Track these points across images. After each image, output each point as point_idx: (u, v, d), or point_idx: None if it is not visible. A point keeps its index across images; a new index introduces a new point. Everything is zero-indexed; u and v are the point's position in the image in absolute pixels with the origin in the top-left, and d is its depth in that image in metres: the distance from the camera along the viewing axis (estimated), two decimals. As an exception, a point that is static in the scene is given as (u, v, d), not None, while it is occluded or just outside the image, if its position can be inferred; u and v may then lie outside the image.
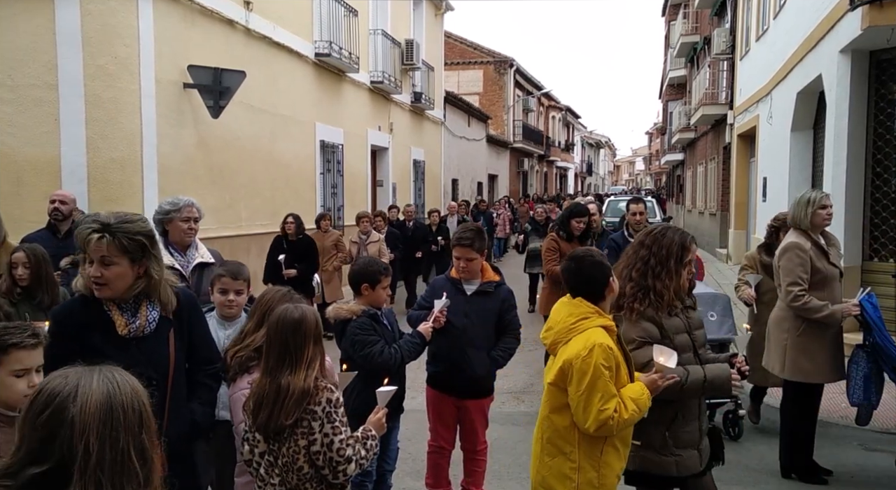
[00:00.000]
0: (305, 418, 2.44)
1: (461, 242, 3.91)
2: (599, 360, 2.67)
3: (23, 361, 2.23)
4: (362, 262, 3.84)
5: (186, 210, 4.12)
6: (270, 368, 2.51)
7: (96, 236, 2.45)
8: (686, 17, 25.43)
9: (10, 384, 2.23)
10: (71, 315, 2.56)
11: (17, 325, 2.32)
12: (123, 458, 1.36)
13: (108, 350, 2.44)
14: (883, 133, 7.75)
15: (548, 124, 41.10)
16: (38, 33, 7.16)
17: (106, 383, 1.41)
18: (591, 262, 2.87)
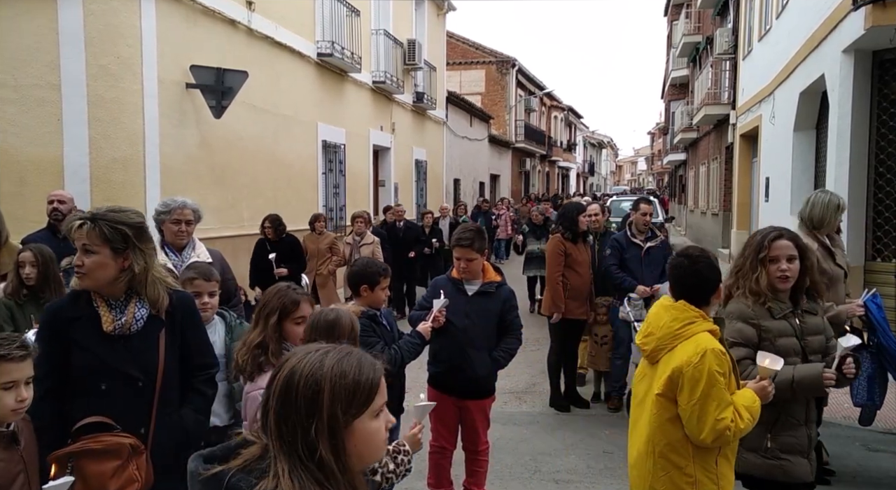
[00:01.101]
0: None
1: (461, 243, 3.91)
2: (713, 366, 2.51)
3: (10, 374, 2.18)
4: (361, 262, 3.83)
5: (177, 213, 4.12)
6: None
7: (78, 223, 2.44)
8: (688, 17, 25.41)
9: None
10: (60, 310, 2.52)
11: (5, 336, 2.27)
12: (293, 439, 1.33)
13: (93, 346, 2.42)
14: (886, 133, 7.73)
15: (550, 124, 41.08)
16: (41, 33, 7.18)
17: (302, 361, 1.38)
18: (707, 262, 2.73)
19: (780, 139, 11.59)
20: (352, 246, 9.15)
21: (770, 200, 12.61)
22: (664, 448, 2.66)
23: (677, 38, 27.30)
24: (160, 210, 4.14)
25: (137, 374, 2.48)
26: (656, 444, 2.68)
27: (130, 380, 2.47)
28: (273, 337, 2.87)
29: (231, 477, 1.35)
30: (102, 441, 2.35)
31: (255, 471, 1.35)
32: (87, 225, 2.42)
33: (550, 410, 6.28)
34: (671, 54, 30.74)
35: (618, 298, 6.28)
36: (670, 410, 2.63)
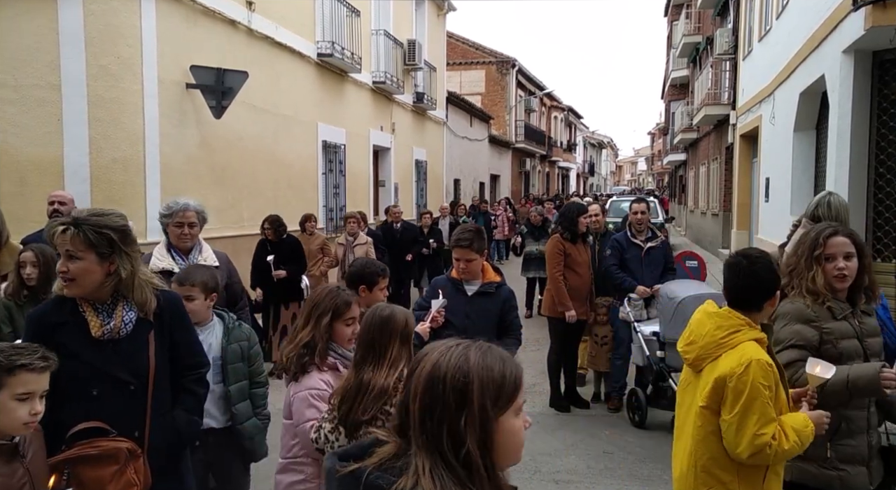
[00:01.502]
0: (380, 418, 2.39)
1: (460, 243, 3.90)
2: (758, 379, 2.38)
3: (28, 385, 2.09)
4: (360, 262, 3.80)
5: (179, 215, 4.07)
6: (356, 363, 2.51)
7: (61, 228, 2.36)
8: (688, 18, 25.41)
9: (11, 409, 2.08)
10: (45, 315, 2.45)
11: (26, 346, 2.17)
12: (438, 433, 1.31)
13: (82, 352, 2.38)
14: (886, 133, 7.73)
15: (550, 124, 41.08)
16: (41, 33, 7.18)
17: (444, 355, 1.37)
18: (767, 264, 2.57)
19: (781, 139, 11.59)
20: (345, 247, 8.97)
21: (770, 201, 12.61)
22: (707, 462, 2.53)
23: (677, 38, 27.30)
24: (163, 213, 4.11)
25: (128, 378, 2.45)
26: (699, 457, 2.55)
27: (122, 384, 2.44)
28: (323, 337, 2.83)
29: (369, 475, 1.35)
30: (99, 446, 2.31)
31: (392, 469, 1.35)
32: (70, 230, 2.35)
33: (550, 411, 6.28)
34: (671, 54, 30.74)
35: (618, 299, 6.28)
36: (713, 423, 2.50)
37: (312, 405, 2.70)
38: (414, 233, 10.93)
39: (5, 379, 2.06)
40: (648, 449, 5.31)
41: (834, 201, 4.46)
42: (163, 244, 4.11)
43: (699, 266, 8.82)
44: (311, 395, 2.71)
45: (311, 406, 2.70)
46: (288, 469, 2.83)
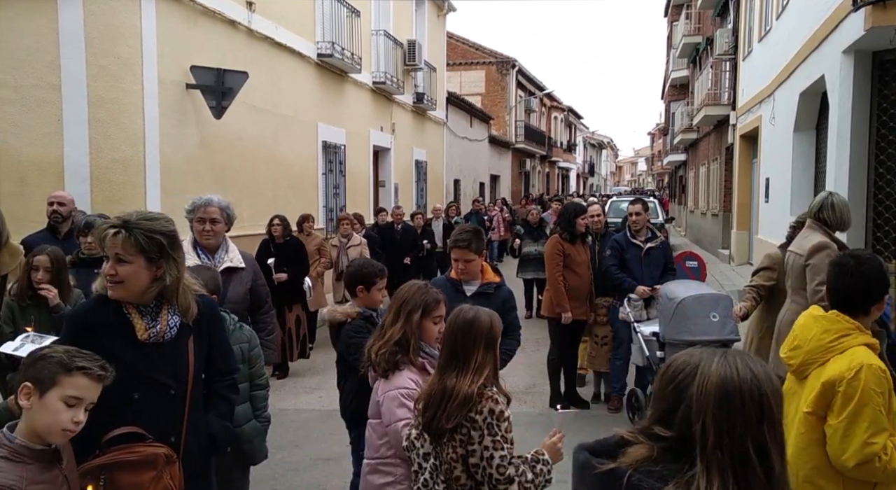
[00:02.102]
0: (465, 425, 2.33)
1: (458, 244, 3.90)
2: (869, 384, 2.24)
3: (81, 390, 2.01)
4: (357, 263, 3.78)
5: (201, 211, 3.95)
6: (440, 367, 2.45)
7: (112, 231, 2.34)
8: (688, 18, 25.41)
9: (56, 410, 1.99)
10: (87, 316, 2.42)
11: (88, 354, 2.09)
12: (742, 448, 1.29)
13: (126, 354, 2.35)
14: (886, 134, 7.73)
15: (550, 125, 41.09)
16: (41, 33, 7.18)
17: (725, 367, 1.35)
18: (877, 265, 2.47)
19: (780, 140, 11.59)
20: (338, 248, 8.94)
21: (770, 201, 12.62)
22: (810, 472, 2.37)
23: (677, 38, 27.31)
24: (187, 208, 4.02)
25: (170, 382, 2.43)
26: (800, 467, 2.39)
27: (163, 388, 2.42)
28: (415, 334, 2.80)
29: (630, 476, 1.35)
30: (137, 452, 2.28)
31: (652, 473, 1.34)
32: (121, 234, 2.33)
33: (550, 411, 6.28)
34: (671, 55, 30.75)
35: (618, 299, 6.28)
36: (818, 430, 2.35)
37: (403, 405, 2.67)
38: (414, 235, 10.79)
39: (61, 377, 1.99)
40: (648, 449, 5.31)
41: (837, 202, 4.47)
42: (188, 241, 3.95)
43: (699, 266, 8.83)
44: (402, 394, 2.69)
45: (402, 405, 2.67)
46: (377, 470, 2.79)
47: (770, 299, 4.95)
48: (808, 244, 4.39)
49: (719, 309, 5.36)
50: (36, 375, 1.99)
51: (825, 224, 4.44)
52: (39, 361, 2.01)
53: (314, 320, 8.83)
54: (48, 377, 1.98)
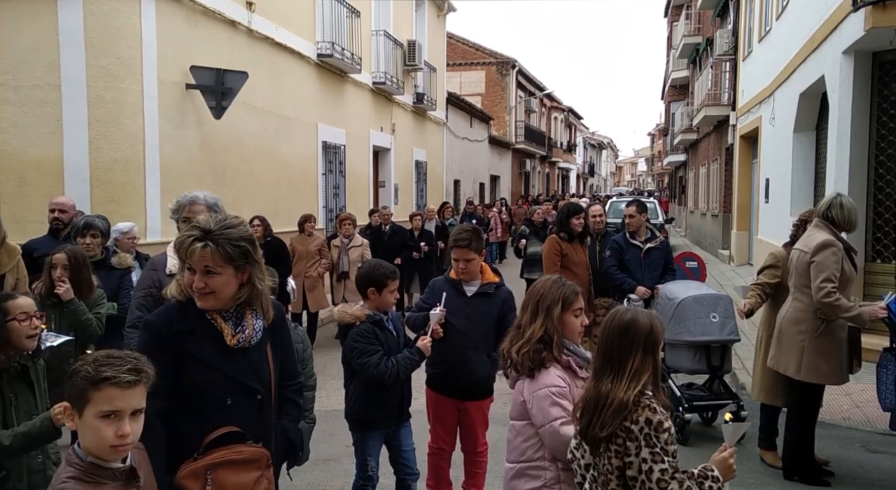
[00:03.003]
0: (620, 435, 2.18)
1: (458, 244, 3.87)
2: None
3: (113, 401, 1.80)
4: (369, 264, 3.71)
5: (186, 210, 3.73)
6: (595, 371, 2.32)
7: (199, 245, 2.25)
8: (688, 19, 25.42)
9: (96, 428, 1.80)
10: (171, 323, 2.32)
11: (119, 355, 1.88)
12: None
13: (217, 360, 2.31)
14: (886, 134, 7.74)
15: (550, 125, 41.10)
16: (42, 34, 7.19)
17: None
18: None
19: (780, 140, 11.59)
20: (340, 249, 8.85)
21: (770, 201, 12.62)
22: None
23: (677, 39, 27.31)
24: (172, 208, 3.77)
25: (258, 387, 2.39)
26: None
27: (252, 393, 2.39)
28: (557, 329, 2.65)
29: None
30: (243, 451, 2.24)
31: None
32: (209, 247, 2.26)
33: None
34: (671, 55, 30.75)
35: (617, 299, 6.28)
36: None
37: (556, 403, 2.55)
38: (403, 236, 10.49)
39: (91, 392, 1.80)
40: (648, 450, 5.30)
41: (846, 202, 4.51)
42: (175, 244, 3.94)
43: (699, 267, 8.83)
44: (553, 392, 2.56)
45: (555, 404, 2.55)
46: (523, 474, 2.65)
47: (776, 297, 4.94)
48: (813, 242, 4.40)
49: (719, 309, 5.36)
50: (70, 394, 1.84)
51: (832, 223, 4.46)
52: (71, 378, 1.84)
53: (315, 321, 8.83)
54: (79, 394, 1.82)
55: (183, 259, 2.32)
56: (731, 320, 5.39)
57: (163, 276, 3.46)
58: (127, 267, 5.36)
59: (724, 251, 17.85)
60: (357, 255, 8.67)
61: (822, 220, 4.50)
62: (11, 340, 2.70)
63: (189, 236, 2.29)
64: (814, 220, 4.62)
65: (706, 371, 5.49)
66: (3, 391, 2.69)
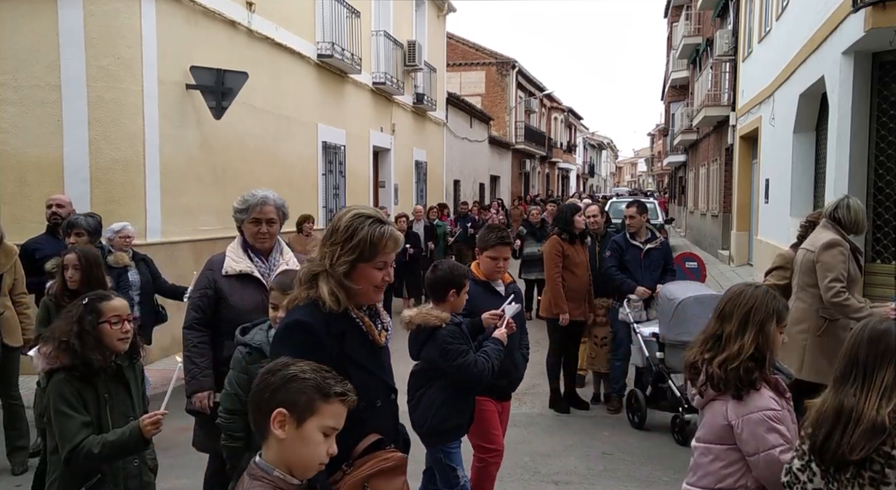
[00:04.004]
0: (878, 461, 1.87)
1: (504, 241, 3.77)
2: None
3: (337, 418, 1.74)
4: (447, 265, 3.54)
5: (256, 211, 3.51)
6: (835, 379, 2.08)
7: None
8: (688, 19, 25.42)
9: (316, 442, 1.71)
10: (326, 324, 2.12)
11: (331, 373, 1.79)
12: None
13: (369, 361, 2.20)
14: (885, 135, 7.74)
15: (550, 125, 41.11)
16: (42, 34, 7.19)
17: None
18: None
19: (780, 141, 11.59)
20: None
21: (770, 202, 12.62)
22: None
23: (677, 39, 27.32)
24: (238, 207, 3.57)
25: (394, 386, 2.31)
26: None
27: (393, 392, 2.32)
28: (770, 347, 2.39)
29: None
30: (390, 458, 2.14)
31: None
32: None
33: (550, 412, 6.28)
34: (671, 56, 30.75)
35: (617, 300, 6.28)
36: None
37: (773, 429, 2.29)
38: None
39: (319, 404, 1.70)
40: (648, 450, 5.31)
41: (853, 204, 4.51)
42: (237, 243, 3.62)
43: (699, 267, 8.84)
44: (769, 417, 2.31)
45: (772, 430, 2.29)
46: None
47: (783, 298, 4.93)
48: (819, 241, 4.40)
49: (719, 310, 5.36)
50: (291, 401, 1.70)
51: (839, 224, 4.46)
52: (292, 384, 1.71)
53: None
54: (306, 404, 1.69)
55: (372, 253, 2.14)
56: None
57: (219, 276, 3.45)
58: (124, 266, 5.36)
59: (724, 252, 17.85)
60: None
61: (829, 220, 4.50)
62: (104, 342, 2.68)
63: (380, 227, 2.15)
64: (821, 220, 4.60)
65: (706, 371, 5.49)
66: (99, 391, 2.66)
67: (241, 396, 2.82)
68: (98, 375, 2.66)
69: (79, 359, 2.61)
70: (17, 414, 4.90)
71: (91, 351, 2.63)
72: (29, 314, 4.91)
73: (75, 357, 2.60)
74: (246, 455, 2.74)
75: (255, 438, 2.66)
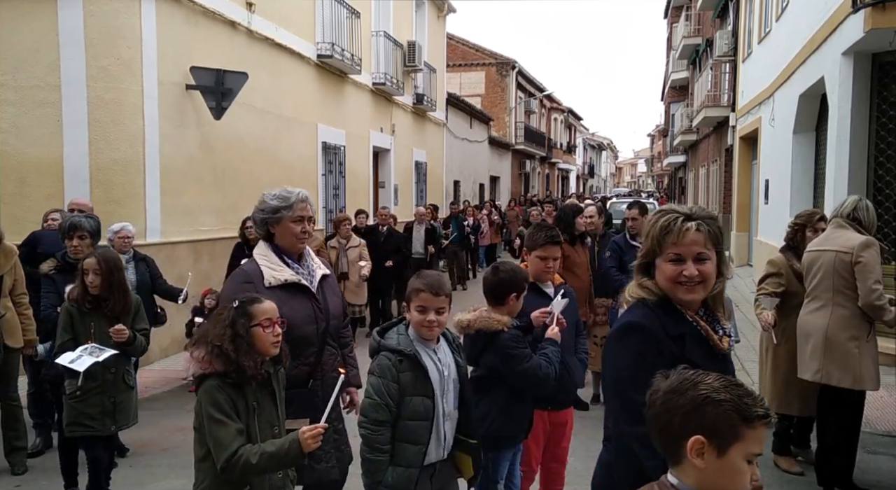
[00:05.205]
0: None
1: (555, 240, 3.62)
2: None
3: (761, 442, 1.53)
4: (509, 268, 3.40)
5: (299, 207, 3.22)
6: None
7: (692, 225, 1.98)
8: (688, 20, 25.45)
9: (741, 471, 1.52)
10: (663, 326, 1.98)
11: (745, 389, 1.56)
12: None
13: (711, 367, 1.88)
14: (885, 135, 7.74)
15: (550, 126, 41.12)
16: (42, 34, 7.19)
17: None
18: None
19: (780, 141, 11.60)
20: (338, 249, 8.67)
21: (770, 203, 12.62)
22: None
23: (677, 40, 27.33)
24: (276, 204, 3.24)
25: None
26: None
27: None
28: None
29: None
30: None
31: None
32: (703, 227, 1.99)
33: None
34: (671, 56, 30.77)
35: (616, 300, 6.28)
36: None
37: None
38: (399, 240, 10.11)
39: (742, 429, 1.50)
40: (648, 451, 5.30)
41: (870, 205, 4.39)
42: (267, 249, 3.19)
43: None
44: None
45: None
46: None
47: (781, 305, 4.74)
48: (853, 241, 4.19)
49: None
50: (709, 427, 1.51)
51: (860, 224, 4.31)
52: (706, 407, 1.52)
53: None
54: (727, 430, 1.51)
55: (662, 244, 2.00)
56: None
57: (262, 289, 2.98)
58: None
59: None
60: (355, 256, 8.63)
61: (848, 220, 4.32)
62: (255, 347, 2.56)
63: (680, 217, 2.01)
64: (834, 220, 4.42)
65: (706, 372, 5.47)
66: (248, 399, 2.55)
67: (390, 407, 2.61)
68: (249, 383, 2.55)
69: (232, 364, 2.49)
70: (16, 415, 4.87)
71: (244, 356, 2.51)
72: (29, 315, 4.87)
73: (229, 362, 2.50)
74: (388, 469, 2.62)
75: (398, 451, 2.62)
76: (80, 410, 3.85)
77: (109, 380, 3.90)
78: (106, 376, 3.88)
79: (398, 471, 2.63)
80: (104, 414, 3.89)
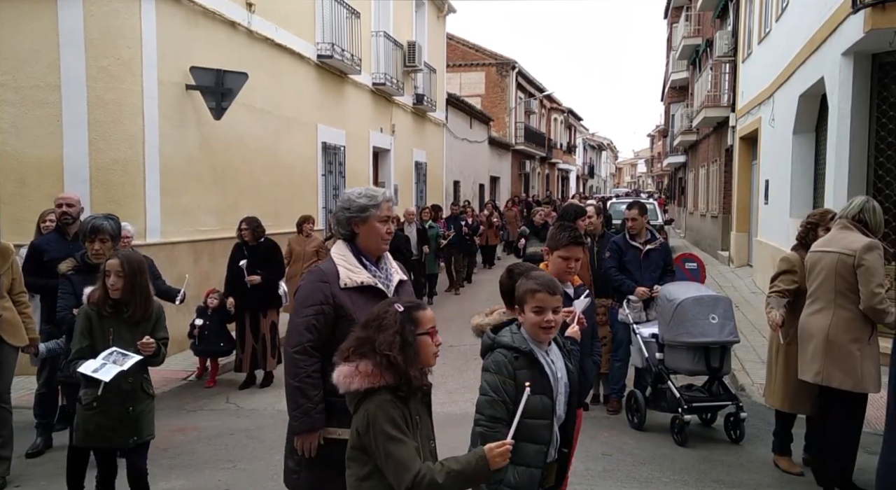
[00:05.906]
0: None
1: (577, 241, 3.59)
2: None
3: None
4: (525, 270, 3.25)
5: (386, 207, 3.05)
6: None
7: None
8: (688, 20, 25.44)
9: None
10: None
11: None
12: None
13: None
14: (885, 136, 7.74)
15: (550, 126, 41.12)
16: (42, 34, 7.19)
17: None
18: None
19: (780, 142, 11.60)
20: None
21: (770, 203, 12.62)
22: None
23: (677, 40, 27.33)
24: (363, 203, 3.00)
25: None
26: None
27: None
28: None
29: None
30: None
31: None
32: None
33: None
34: (671, 57, 30.76)
35: (617, 300, 6.29)
36: None
37: None
38: (399, 240, 10.03)
39: None
40: (647, 451, 5.31)
41: (877, 206, 4.36)
42: (346, 249, 3.01)
43: (698, 268, 8.82)
44: None
45: None
46: None
47: (793, 303, 4.70)
48: (856, 244, 4.17)
49: (718, 310, 5.37)
50: None
51: (865, 226, 4.29)
52: None
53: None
54: None
55: None
56: (731, 322, 5.38)
57: (337, 289, 2.85)
58: None
59: (724, 253, 17.85)
60: None
61: (854, 221, 4.29)
62: (419, 356, 2.39)
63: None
64: (839, 221, 4.39)
65: (705, 372, 5.49)
66: (412, 414, 2.37)
67: (507, 404, 2.56)
68: (415, 394, 2.40)
69: (403, 376, 2.31)
70: (4, 419, 4.60)
71: (412, 366, 2.35)
72: (29, 313, 4.83)
73: (399, 374, 2.31)
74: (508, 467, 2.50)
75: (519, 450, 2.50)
76: (98, 422, 3.61)
77: (127, 389, 3.63)
78: (123, 385, 3.60)
79: (519, 470, 2.59)
80: (122, 425, 3.65)
